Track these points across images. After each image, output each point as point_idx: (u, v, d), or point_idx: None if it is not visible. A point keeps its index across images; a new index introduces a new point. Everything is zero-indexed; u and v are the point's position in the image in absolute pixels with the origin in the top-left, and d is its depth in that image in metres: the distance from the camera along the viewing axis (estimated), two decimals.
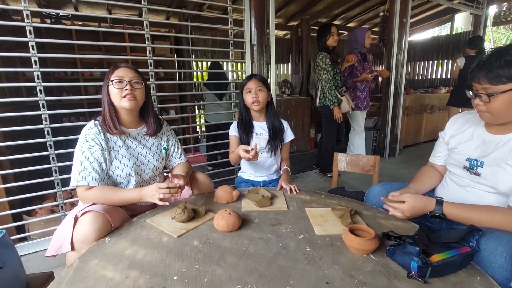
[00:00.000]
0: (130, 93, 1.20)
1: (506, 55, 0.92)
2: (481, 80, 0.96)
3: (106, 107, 1.22)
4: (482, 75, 0.96)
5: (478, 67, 0.98)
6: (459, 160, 1.16)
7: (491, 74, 0.94)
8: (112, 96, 1.21)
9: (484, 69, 0.95)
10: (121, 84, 1.20)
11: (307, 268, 0.83)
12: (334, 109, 3.00)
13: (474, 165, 1.10)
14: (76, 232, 1.01)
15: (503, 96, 0.93)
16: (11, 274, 0.92)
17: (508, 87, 0.92)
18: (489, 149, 1.06)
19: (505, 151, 1.01)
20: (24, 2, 1.67)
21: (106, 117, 1.22)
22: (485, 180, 1.06)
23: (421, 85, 6.79)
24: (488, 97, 0.96)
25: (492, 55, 0.95)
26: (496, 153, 1.04)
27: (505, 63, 0.91)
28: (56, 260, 1.25)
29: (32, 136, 1.84)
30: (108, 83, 1.21)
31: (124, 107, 1.22)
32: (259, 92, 1.58)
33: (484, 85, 0.96)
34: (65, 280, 0.79)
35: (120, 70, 1.22)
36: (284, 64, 6.49)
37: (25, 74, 3.54)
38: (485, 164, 1.06)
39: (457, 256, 0.80)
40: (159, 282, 0.78)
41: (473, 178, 1.11)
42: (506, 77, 0.91)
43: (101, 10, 4.29)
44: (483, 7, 4.76)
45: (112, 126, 1.21)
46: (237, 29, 2.47)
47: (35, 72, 1.75)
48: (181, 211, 1.09)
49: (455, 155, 1.20)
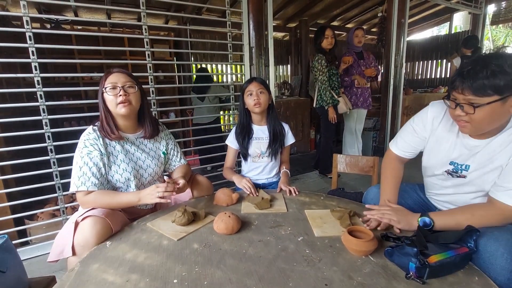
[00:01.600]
0: (124, 99, 1.20)
1: (491, 65, 0.86)
2: (465, 91, 0.90)
3: (102, 114, 1.23)
4: (466, 86, 0.90)
5: (461, 76, 0.91)
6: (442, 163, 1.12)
7: (476, 85, 0.88)
8: (108, 103, 1.22)
9: (469, 79, 0.89)
10: (115, 91, 1.20)
11: (306, 270, 0.84)
12: (329, 109, 3.03)
13: (459, 169, 1.08)
14: (77, 237, 1.02)
15: (487, 108, 0.89)
16: (13, 279, 0.93)
17: (493, 99, 0.87)
18: (474, 153, 1.03)
19: (492, 153, 0.99)
20: (24, 8, 1.69)
21: (104, 123, 1.22)
22: (472, 183, 1.05)
23: (420, 85, 6.78)
24: (474, 108, 0.90)
25: (477, 64, 0.89)
26: (482, 156, 1.01)
27: (492, 73, 0.86)
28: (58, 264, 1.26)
29: (33, 141, 1.85)
30: (102, 90, 1.21)
31: (120, 113, 1.22)
32: (261, 94, 1.59)
33: (467, 96, 0.90)
34: (67, 284, 0.80)
35: (112, 76, 1.23)
36: (283, 65, 6.50)
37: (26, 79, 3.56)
38: (471, 168, 1.04)
39: (455, 256, 0.81)
40: (160, 285, 0.78)
41: (457, 182, 1.09)
42: (491, 89, 0.86)
43: (101, 15, 4.31)
44: (481, 6, 4.77)
45: (110, 132, 1.21)
46: (235, 32, 2.49)
47: (35, 78, 1.76)
48: (181, 214, 1.10)
49: (436, 157, 1.13)
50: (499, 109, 0.89)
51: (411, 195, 1.34)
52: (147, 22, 2.08)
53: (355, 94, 3.28)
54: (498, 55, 0.89)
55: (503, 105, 0.88)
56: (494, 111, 0.89)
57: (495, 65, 0.86)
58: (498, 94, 0.86)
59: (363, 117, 3.45)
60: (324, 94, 3.01)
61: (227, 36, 2.47)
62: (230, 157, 1.72)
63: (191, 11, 4.29)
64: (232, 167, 1.74)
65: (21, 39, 1.80)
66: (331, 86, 3.05)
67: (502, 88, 0.86)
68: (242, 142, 1.65)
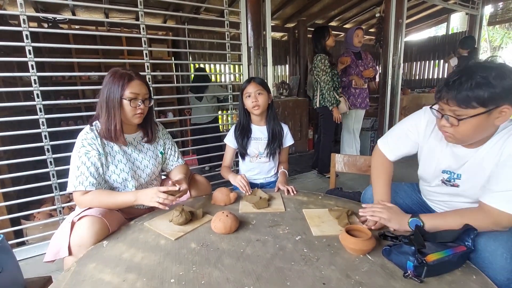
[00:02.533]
0: (142, 112, 1.22)
1: (477, 76, 0.84)
2: (450, 101, 0.88)
3: (113, 117, 1.18)
4: (451, 96, 0.87)
5: (446, 87, 0.89)
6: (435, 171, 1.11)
7: (460, 96, 0.86)
8: (125, 111, 1.20)
9: (454, 90, 0.87)
10: (136, 102, 1.20)
11: (304, 269, 0.83)
12: (333, 109, 3.04)
13: (452, 178, 1.07)
14: (73, 236, 1.01)
15: (472, 120, 0.87)
16: (9, 279, 0.92)
17: (478, 111, 0.85)
18: (464, 162, 1.02)
19: (481, 162, 0.97)
20: (21, 7, 1.68)
21: (111, 127, 1.19)
22: (465, 193, 1.05)
23: (418, 85, 6.81)
24: (458, 120, 0.89)
25: (462, 75, 0.86)
26: (473, 166, 1.00)
27: (476, 85, 0.83)
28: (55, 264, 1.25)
29: (30, 141, 1.84)
30: (121, 95, 1.17)
31: (134, 123, 1.24)
32: (259, 95, 1.57)
33: (452, 107, 0.89)
34: (63, 284, 0.79)
35: (135, 84, 1.19)
36: (282, 65, 6.51)
37: (23, 79, 3.54)
38: (462, 177, 1.04)
39: (453, 255, 0.81)
40: (157, 285, 0.78)
41: (451, 191, 1.08)
42: (476, 100, 0.84)
43: (98, 14, 4.30)
44: (478, 7, 4.79)
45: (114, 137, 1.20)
46: (233, 32, 2.48)
47: (32, 77, 1.75)
48: (178, 214, 1.09)
49: (430, 165, 1.12)
50: (484, 122, 0.87)
51: (409, 195, 1.34)
52: (145, 21, 2.07)
53: (353, 95, 3.29)
54: (485, 66, 0.86)
55: (488, 117, 0.86)
56: (479, 123, 0.87)
57: (480, 76, 0.83)
58: (483, 106, 0.84)
59: (361, 117, 3.46)
60: (328, 95, 3.02)
61: (225, 36, 2.47)
62: (228, 156, 1.72)
63: (189, 11, 4.29)
64: (230, 166, 1.73)
65: (18, 38, 1.79)
66: (333, 87, 3.06)
67: (486, 101, 0.83)
68: (241, 142, 1.65)
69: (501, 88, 0.82)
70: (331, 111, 3.05)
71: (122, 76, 1.19)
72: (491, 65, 0.87)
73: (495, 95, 0.83)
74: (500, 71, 0.83)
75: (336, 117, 3.06)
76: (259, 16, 2.48)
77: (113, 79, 1.18)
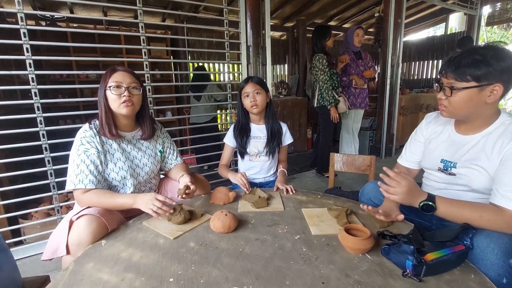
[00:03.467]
0: (128, 100, 1.19)
1: (476, 54, 0.93)
2: (448, 74, 0.99)
3: (102, 112, 1.20)
4: (450, 70, 0.98)
5: (448, 62, 1.00)
6: (434, 162, 1.17)
7: (458, 70, 0.95)
8: (110, 102, 1.20)
9: (453, 64, 0.97)
10: (119, 90, 1.19)
11: (303, 268, 0.83)
12: (331, 109, 3.04)
13: (448, 166, 1.11)
14: (72, 235, 1.00)
15: (464, 92, 0.96)
16: (6, 278, 0.91)
17: (470, 84, 0.94)
18: (460, 150, 1.08)
19: (475, 151, 1.03)
20: (19, 5, 1.66)
21: (103, 121, 1.20)
22: (460, 180, 1.07)
23: (416, 85, 6.83)
24: (451, 90, 0.98)
25: (464, 52, 0.97)
26: (467, 154, 1.05)
27: (473, 62, 0.93)
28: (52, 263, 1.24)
29: (27, 139, 1.82)
30: (105, 87, 1.19)
31: (122, 113, 1.22)
32: (257, 95, 1.57)
33: (450, 79, 0.99)
34: (61, 283, 0.79)
35: (117, 74, 1.20)
36: (281, 65, 6.50)
37: (20, 77, 3.52)
38: (458, 165, 1.08)
39: (451, 254, 0.81)
40: (155, 284, 0.78)
41: (448, 179, 1.12)
42: (471, 75, 0.93)
43: (97, 12, 4.27)
44: (476, 7, 4.80)
45: (108, 132, 1.20)
46: (232, 31, 2.48)
47: (30, 75, 1.74)
48: (177, 213, 1.09)
49: (428, 157, 1.20)
50: (475, 96, 0.95)
51: None
52: (143, 19, 2.06)
53: (353, 94, 3.29)
54: (487, 46, 0.95)
55: (479, 93, 0.95)
56: (470, 97, 0.96)
57: (479, 54, 0.93)
58: (476, 81, 0.93)
59: (360, 116, 3.46)
60: (327, 94, 3.02)
61: (224, 35, 2.46)
62: (226, 155, 1.72)
63: (188, 9, 4.27)
64: (228, 164, 1.73)
65: (15, 36, 1.78)
66: (332, 86, 3.06)
67: (480, 76, 0.92)
68: (240, 141, 1.64)
69: (496, 67, 0.91)
70: (329, 110, 3.06)
71: (107, 71, 1.22)
72: (494, 46, 0.95)
73: (489, 72, 0.91)
74: (498, 53, 0.92)
75: (333, 116, 3.06)
76: (258, 15, 2.47)
77: (102, 76, 1.22)
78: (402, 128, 4.48)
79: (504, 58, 0.92)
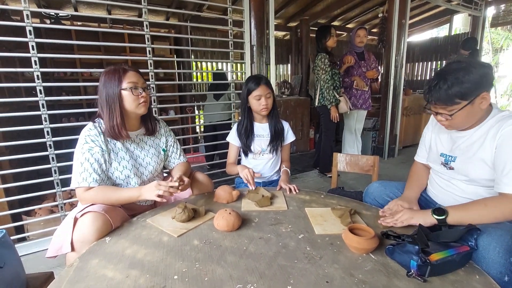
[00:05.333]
0: (146, 99, 1.22)
1: (449, 76, 1.00)
2: (437, 103, 1.05)
3: (115, 112, 1.18)
4: (435, 99, 1.05)
5: (429, 93, 1.06)
6: (436, 156, 1.24)
7: (443, 97, 1.02)
8: (127, 102, 1.20)
9: (435, 94, 1.04)
10: (137, 91, 1.20)
11: (307, 267, 0.83)
12: (331, 108, 3.04)
13: (448, 160, 1.17)
14: (76, 232, 1.01)
15: (461, 112, 1.03)
16: (11, 274, 0.92)
17: (462, 104, 1.01)
18: (457, 144, 1.14)
19: (471, 145, 1.09)
20: (24, 3, 1.67)
21: (114, 122, 1.18)
22: (459, 173, 1.13)
23: (420, 85, 6.78)
24: (450, 115, 1.04)
25: (439, 79, 1.03)
26: (464, 147, 1.12)
27: (451, 85, 1.00)
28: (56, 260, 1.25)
29: (31, 137, 1.83)
30: (120, 87, 1.18)
31: (138, 113, 1.23)
32: (269, 99, 1.59)
33: (441, 106, 1.05)
34: (66, 280, 0.79)
35: (131, 74, 1.20)
36: (284, 64, 6.50)
37: (24, 74, 3.53)
38: (457, 159, 1.14)
39: (456, 255, 0.81)
40: (160, 281, 0.78)
41: (449, 173, 1.17)
42: (457, 97, 1.00)
43: (101, 11, 4.29)
44: (481, 8, 4.78)
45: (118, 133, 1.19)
46: (236, 30, 2.48)
47: (35, 72, 1.75)
48: (181, 211, 1.09)
49: (432, 152, 1.27)
50: (471, 110, 1.03)
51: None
52: (148, 18, 2.07)
53: (354, 95, 3.28)
54: (454, 69, 1.02)
55: (472, 106, 1.02)
56: (468, 112, 1.03)
57: (452, 77, 1.00)
58: (464, 100, 1.01)
59: (363, 117, 3.45)
60: (327, 93, 3.02)
61: (228, 34, 2.46)
62: (232, 154, 1.72)
63: (192, 8, 4.28)
64: (235, 162, 1.74)
65: (20, 34, 1.79)
66: (333, 86, 3.05)
67: (464, 95, 1.00)
68: (244, 140, 1.65)
69: (471, 81, 0.99)
70: (330, 110, 3.05)
71: (116, 71, 1.19)
72: (458, 66, 1.02)
73: (469, 88, 0.99)
74: (465, 69, 1.00)
75: (333, 116, 3.05)
76: (262, 15, 2.47)
77: (108, 76, 1.19)
78: (405, 129, 4.46)
79: (472, 71, 0.99)
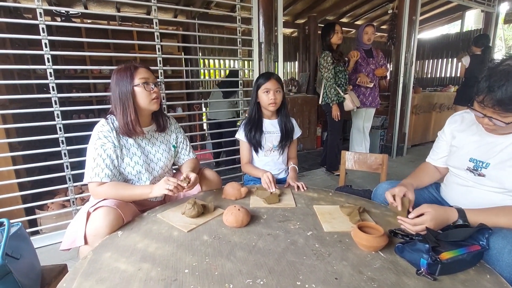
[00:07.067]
0: (158, 95, 1.24)
1: None
2: (496, 106, 0.91)
3: (129, 109, 1.20)
4: (496, 102, 0.91)
5: (489, 93, 0.92)
6: (462, 161, 1.15)
7: (507, 102, 0.89)
8: (141, 98, 1.22)
9: (499, 96, 0.89)
10: (149, 86, 1.22)
11: (316, 263, 0.84)
12: (333, 106, 3.01)
13: (478, 166, 1.09)
14: (89, 226, 1.03)
15: None
16: (27, 266, 0.95)
17: None
18: (493, 150, 1.06)
19: (509, 152, 1.01)
20: (38, 1, 1.70)
21: (128, 119, 1.20)
22: (491, 181, 1.05)
23: (430, 83, 6.71)
24: (506, 124, 0.93)
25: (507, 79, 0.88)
26: (501, 154, 1.03)
27: None
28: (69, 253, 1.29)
29: (41, 133, 1.87)
30: (133, 84, 1.20)
31: (151, 109, 1.26)
32: (277, 93, 1.59)
33: (497, 110, 0.92)
34: (80, 272, 0.81)
35: (142, 71, 1.23)
36: (291, 62, 6.48)
37: (36, 72, 3.60)
38: (490, 166, 1.06)
39: (467, 254, 0.80)
40: (171, 274, 0.80)
41: (477, 180, 1.10)
42: None
43: (110, 8, 4.34)
44: (494, 4, 4.67)
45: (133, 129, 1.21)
46: (245, 27, 2.48)
47: (48, 70, 1.79)
48: (191, 207, 1.11)
49: (456, 155, 1.19)
50: None
51: (422, 194, 1.34)
52: (157, 16, 2.08)
53: (363, 93, 3.25)
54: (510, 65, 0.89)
55: None
56: None
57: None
58: None
59: (371, 115, 3.42)
60: (329, 91, 3.00)
61: (237, 31, 2.47)
62: (245, 153, 1.70)
63: (200, 6, 4.29)
64: (249, 161, 1.71)
65: (31, 31, 1.82)
66: (337, 83, 3.03)
67: None
68: (253, 136, 1.64)
69: None
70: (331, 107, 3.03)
71: (127, 68, 1.22)
72: None
73: None
74: None
75: (334, 114, 3.02)
76: (270, 12, 2.46)
77: (119, 74, 1.22)
78: (414, 127, 4.41)
79: None
